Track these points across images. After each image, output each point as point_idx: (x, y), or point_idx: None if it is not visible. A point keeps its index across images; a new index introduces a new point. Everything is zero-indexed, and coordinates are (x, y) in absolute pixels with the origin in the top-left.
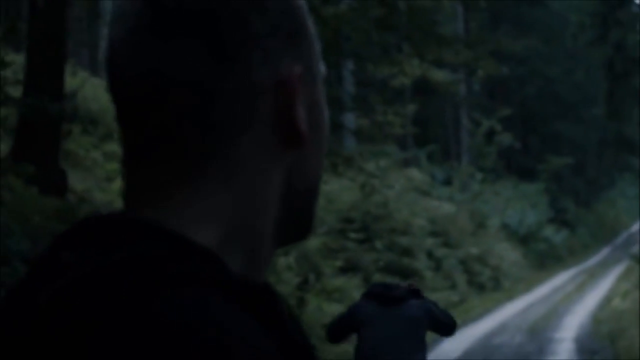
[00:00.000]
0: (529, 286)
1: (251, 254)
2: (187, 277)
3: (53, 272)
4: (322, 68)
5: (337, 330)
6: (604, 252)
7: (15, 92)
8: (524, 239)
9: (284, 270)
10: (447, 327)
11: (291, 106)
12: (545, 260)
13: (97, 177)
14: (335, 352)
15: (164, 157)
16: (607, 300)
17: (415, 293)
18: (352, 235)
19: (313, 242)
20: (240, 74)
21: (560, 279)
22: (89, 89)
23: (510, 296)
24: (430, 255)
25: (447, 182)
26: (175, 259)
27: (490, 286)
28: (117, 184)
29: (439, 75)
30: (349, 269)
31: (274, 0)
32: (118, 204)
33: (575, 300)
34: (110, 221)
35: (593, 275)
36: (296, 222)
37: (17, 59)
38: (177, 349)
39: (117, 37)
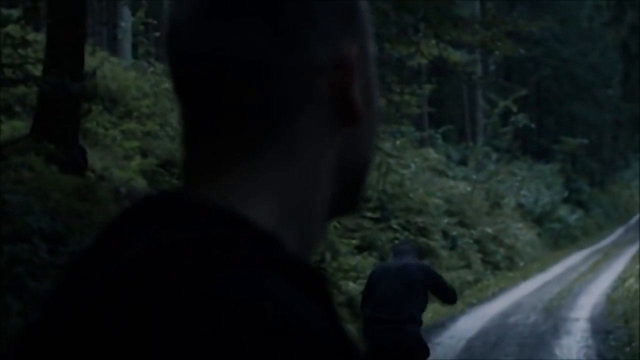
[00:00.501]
0: (543, 266)
1: (306, 228)
2: (245, 258)
3: (116, 248)
4: (373, 48)
5: (363, 299)
6: (618, 232)
7: (36, 71)
8: (538, 219)
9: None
10: (446, 292)
11: (348, 85)
12: (560, 240)
13: (116, 155)
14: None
15: (223, 133)
16: (621, 280)
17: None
18: (369, 214)
19: (331, 221)
20: (299, 52)
21: (574, 259)
22: (108, 68)
23: (525, 276)
24: (445, 234)
25: (463, 162)
26: (234, 240)
27: (505, 265)
28: (136, 161)
29: (455, 56)
30: (365, 247)
31: None
32: (137, 182)
33: (590, 281)
34: (172, 200)
35: (607, 256)
36: (348, 196)
37: (38, 38)
38: (238, 327)
39: (178, 16)
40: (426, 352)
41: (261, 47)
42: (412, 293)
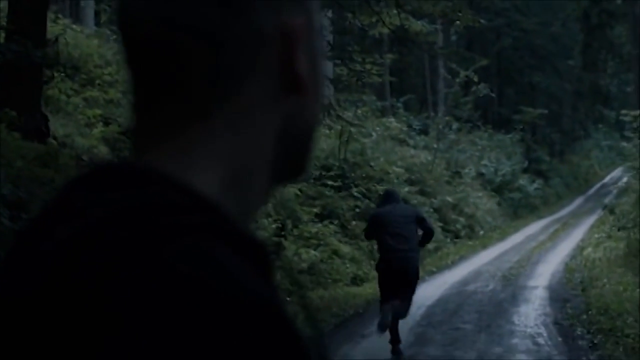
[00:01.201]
0: (503, 235)
1: (250, 195)
2: (190, 227)
3: (64, 217)
4: (320, 19)
5: (368, 233)
6: (577, 202)
7: None
8: (498, 188)
9: (261, 217)
10: (429, 227)
11: (293, 55)
12: (519, 210)
13: (78, 122)
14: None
15: (170, 101)
16: (579, 249)
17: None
18: (330, 182)
19: (290, 189)
20: (246, 22)
21: (534, 228)
22: (70, 35)
23: (485, 244)
24: (406, 202)
25: (424, 131)
26: (178, 208)
27: (465, 234)
28: (99, 129)
29: (417, 26)
30: (325, 215)
31: None
32: (99, 149)
33: (548, 249)
34: (119, 168)
35: (566, 225)
36: (293, 163)
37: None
38: (186, 297)
39: None
40: (418, 275)
41: (209, 16)
42: (412, 229)
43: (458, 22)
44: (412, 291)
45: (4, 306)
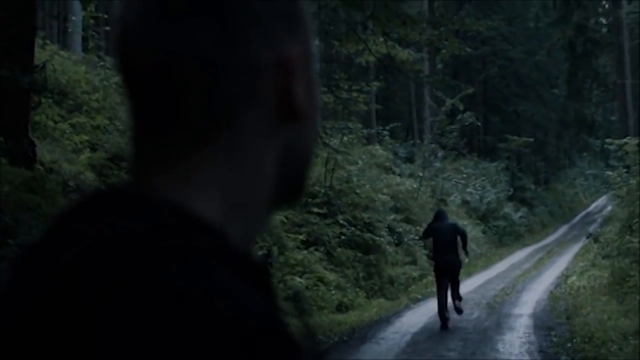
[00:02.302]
0: (487, 262)
1: (249, 221)
2: (194, 250)
3: (66, 241)
4: (315, 48)
5: (425, 235)
6: (562, 230)
7: None
8: (483, 216)
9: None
10: (465, 239)
11: (291, 85)
12: (504, 238)
13: (65, 148)
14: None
15: (170, 130)
16: (563, 277)
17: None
18: (315, 209)
19: (276, 216)
20: (243, 52)
21: (519, 256)
22: (58, 61)
23: (469, 272)
24: (391, 230)
25: (410, 159)
26: (182, 232)
27: None
28: (85, 155)
29: (403, 54)
30: (311, 242)
31: None
32: (86, 175)
33: (533, 277)
34: (120, 193)
35: (550, 253)
36: (290, 189)
37: None
38: (190, 319)
39: (126, 17)
40: (460, 268)
41: (207, 47)
42: (453, 240)
43: (444, 50)
44: (458, 280)
45: (10, 331)
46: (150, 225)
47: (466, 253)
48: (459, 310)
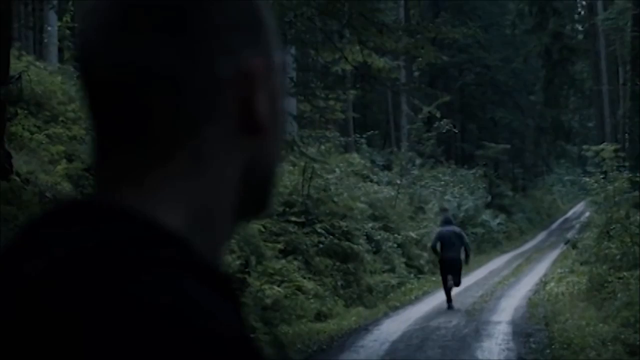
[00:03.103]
0: (466, 270)
1: (212, 232)
2: (161, 261)
3: (33, 252)
4: (279, 58)
5: (433, 244)
6: (540, 237)
7: None
8: (461, 224)
9: (225, 253)
10: (467, 245)
11: (252, 97)
12: (483, 245)
13: (42, 159)
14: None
15: (133, 144)
16: (542, 284)
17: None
18: (293, 218)
19: (254, 225)
20: (204, 66)
21: (497, 262)
22: (33, 72)
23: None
24: (369, 238)
25: (387, 167)
26: (149, 244)
27: (429, 269)
28: (62, 166)
29: (379, 62)
30: (289, 251)
31: None
32: (62, 186)
33: (512, 284)
34: (87, 205)
35: (529, 260)
36: (256, 201)
37: None
38: (159, 329)
39: (88, 30)
40: (461, 265)
41: (168, 61)
42: (457, 243)
43: (420, 58)
44: (459, 273)
45: None
46: (116, 237)
47: (467, 260)
48: (452, 288)
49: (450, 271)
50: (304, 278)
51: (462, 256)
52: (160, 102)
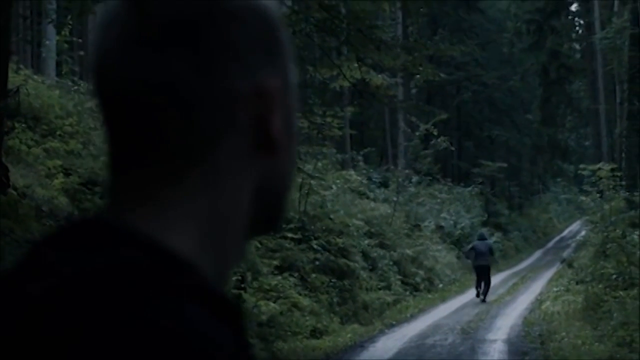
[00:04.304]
0: (462, 288)
1: (226, 251)
2: (166, 286)
3: (40, 272)
4: (295, 79)
5: (468, 254)
6: (536, 255)
7: None
8: (457, 241)
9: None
10: (493, 255)
11: (268, 117)
12: None
13: (39, 173)
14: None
15: (147, 161)
16: (538, 303)
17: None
18: (290, 235)
19: (251, 242)
20: (220, 83)
21: (493, 281)
22: (31, 86)
23: (444, 297)
24: (365, 255)
25: (384, 184)
26: (154, 269)
27: (424, 287)
28: (59, 180)
29: (377, 79)
30: (285, 268)
31: (254, 17)
32: (59, 200)
33: (507, 303)
34: (96, 225)
35: (525, 279)
36: (267, 219)
37: None
38: (159, 355)
39: (104, 45)
40: (490, 272)
41: (184, 78)
42: (486, 252)
43: (418, 75)
44: (489, 279)
45: None
46: (122, 261)
47: (494, 261)
48: (483, 299)
49: (482, 274)
50: (300, 294)
51: (490, 262)
52: (175, 118)
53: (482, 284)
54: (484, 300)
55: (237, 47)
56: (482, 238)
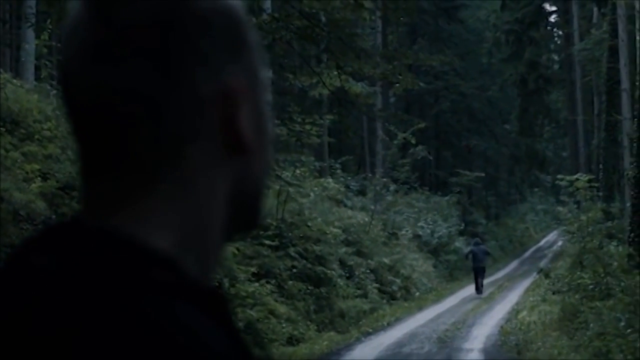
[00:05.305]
0: (438, 296)
1: (203, 253)
2: (153, 284)
3: (24, 277)
4: (265, 77)
5: (467, 255)
6: (513, 265)
7: None
8: (434, 250)
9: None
10: (488, 254)
11: (235, 117)
12: (455, 272)
13: (16, 177)
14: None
15: (118, 168)
16: (514, 312)
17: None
18: (267, 241)
19: (227, 248)
20: (186, 87)
21: (470, 290)
22: (10, 90)
23: (420, 306)
24: (343, 263)
25: (362, 192)
26: (139, 268)
27: (401, 295)
28: (37, 184)
29: (356, 88)
30: (262, 275)
31: (217, 17)
32: (37, 204)
33: (484, 312)
34: (77, 229)
35: (501, 288)
36: (244, 220)
37: None
38: (150, 355)
39: (68, 52)
40: (485, 270)
41: (148, 83)
42: (483, 255)
43: (397, 84)
44: (483, 275)
45: None
46: (108, 261)
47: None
48: (479, 291)
49: (479, 274)
50: (277, 302)
51: (486, 264)
52: (142, 126)
53: (480, 282)
54: (481, 293)
55: (202, 50)
56: (478, 244)
